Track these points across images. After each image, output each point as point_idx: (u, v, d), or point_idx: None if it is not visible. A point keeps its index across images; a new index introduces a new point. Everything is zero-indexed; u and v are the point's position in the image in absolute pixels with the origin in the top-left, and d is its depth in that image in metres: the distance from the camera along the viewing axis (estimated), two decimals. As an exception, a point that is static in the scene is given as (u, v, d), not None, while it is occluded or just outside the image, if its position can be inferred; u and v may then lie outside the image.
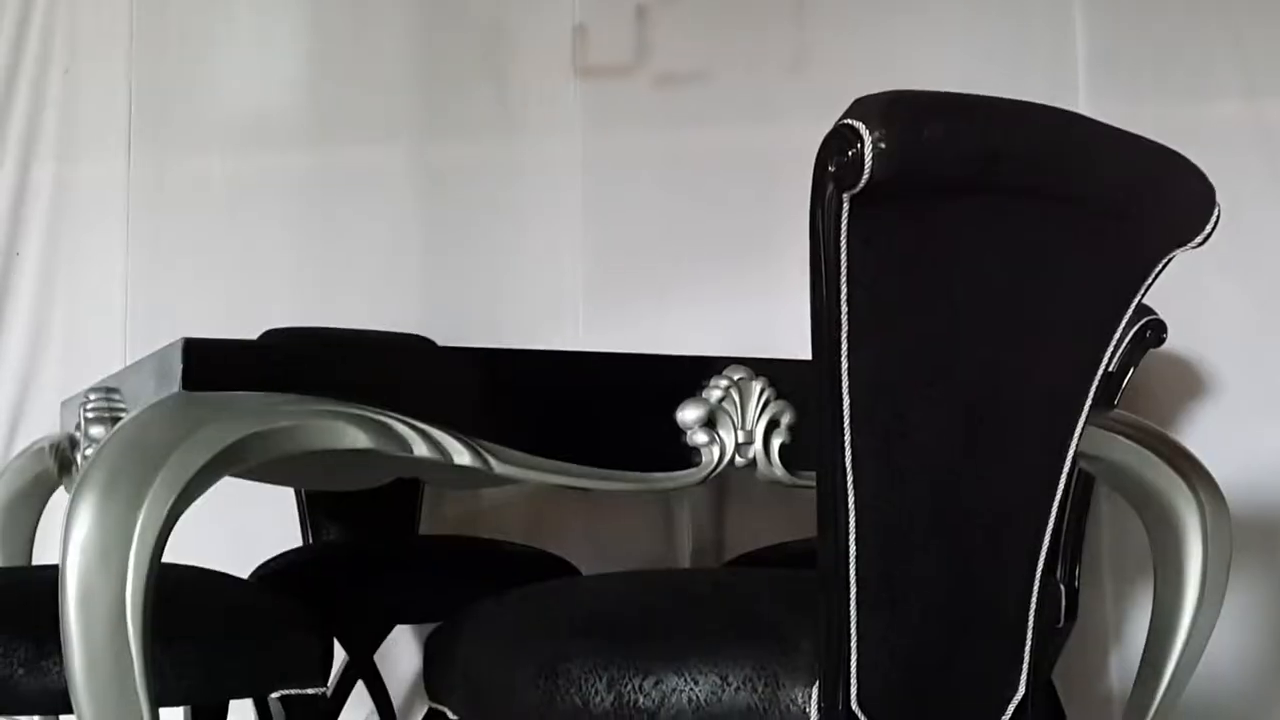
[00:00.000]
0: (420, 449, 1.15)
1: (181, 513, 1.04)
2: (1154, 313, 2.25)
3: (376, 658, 2.47)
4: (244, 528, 2.56)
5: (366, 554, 2.28)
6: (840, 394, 0.99)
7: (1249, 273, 2.70)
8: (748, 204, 2.82)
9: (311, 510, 2.48)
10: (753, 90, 2.91)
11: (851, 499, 1.00)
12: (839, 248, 0.96)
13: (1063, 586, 2.13)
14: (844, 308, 0.97)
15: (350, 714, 2.55)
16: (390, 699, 2.52)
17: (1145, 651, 1.64)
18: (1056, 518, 1.13)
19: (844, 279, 0.97)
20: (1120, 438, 1.54)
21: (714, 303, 2.83)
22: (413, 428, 1.14)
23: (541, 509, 2.83)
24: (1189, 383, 2.71)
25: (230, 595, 1.45)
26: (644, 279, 2.89)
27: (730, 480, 1.36)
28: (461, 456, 1.17)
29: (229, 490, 1.88)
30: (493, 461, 1.18)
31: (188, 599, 1.37)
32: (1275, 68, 2.75)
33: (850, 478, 1.00)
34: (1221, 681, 2.61)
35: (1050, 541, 1.14)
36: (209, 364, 1.11)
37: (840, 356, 0.98)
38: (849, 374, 0.98)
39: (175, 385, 1.11)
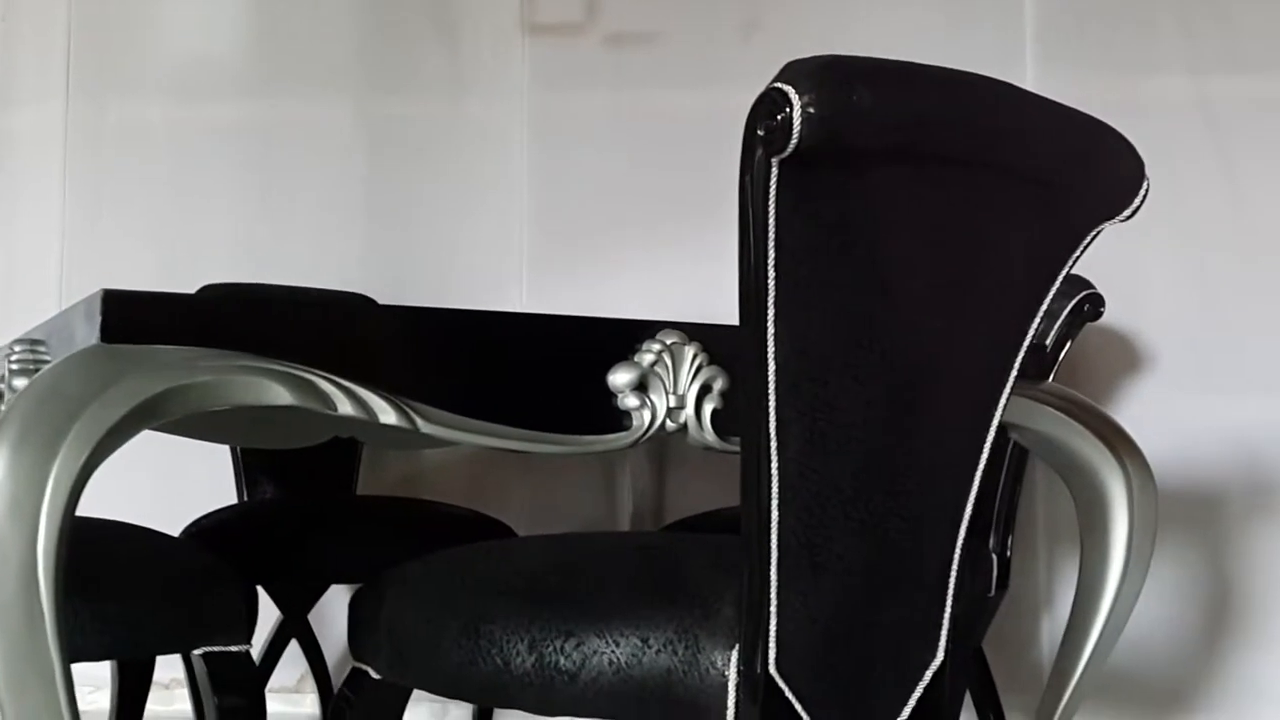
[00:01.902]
0: (345, 407, 1.13)
1: (97, 465, 1.03)
2: (1092, 286, 2.27)
3: (311, 618, 2.47)
4: (179, 485, 2.55)
5: (301, 513, 2.26)
6: (765, 360, 0.99)
7: (1188, 247, 2.73)
8: (696, 168, 2.80)
9: (248, 468, 2.46)
10: (703, 53, 2.90)
11: (775, 465, 1.00)
12: (767, 213, 0.95)
13: (994, 555, 2.15)
14: (771, 273, 0.97)
15: (284, 672, 2.55)
16: (325, 658, 2.52)
17: (1071, 618, 1.66)
18: (980, 486, 1.14)
19: (772, 244, 0.96)
20: (1048, 409, 1.55)
21: (661, 267, 2.83)
22: (337, 385, 1.13)
23: (483, 472, 2.83)
24: (1127, 356, 2.74)
25: (152, 550, 1.44)
26: (590, 241, 2.88)
27: (670, 445, 1.36)
28: (387, 415, 1.15)
29: (165, 447, 1.87)
30: (419, 421, 1.17)
31: (109, 553, 1.35)
32: (1219, 44, 2.77)
33: (774, 444, 1.00)
34: (1149, 652, 2.65)
35: (974, 510, 1.14)
36: (129, 316, 1.09)
37: (766, 323, 0.98)
38: (774, 340, 0.98)
39: (96, 337, 1.09)
